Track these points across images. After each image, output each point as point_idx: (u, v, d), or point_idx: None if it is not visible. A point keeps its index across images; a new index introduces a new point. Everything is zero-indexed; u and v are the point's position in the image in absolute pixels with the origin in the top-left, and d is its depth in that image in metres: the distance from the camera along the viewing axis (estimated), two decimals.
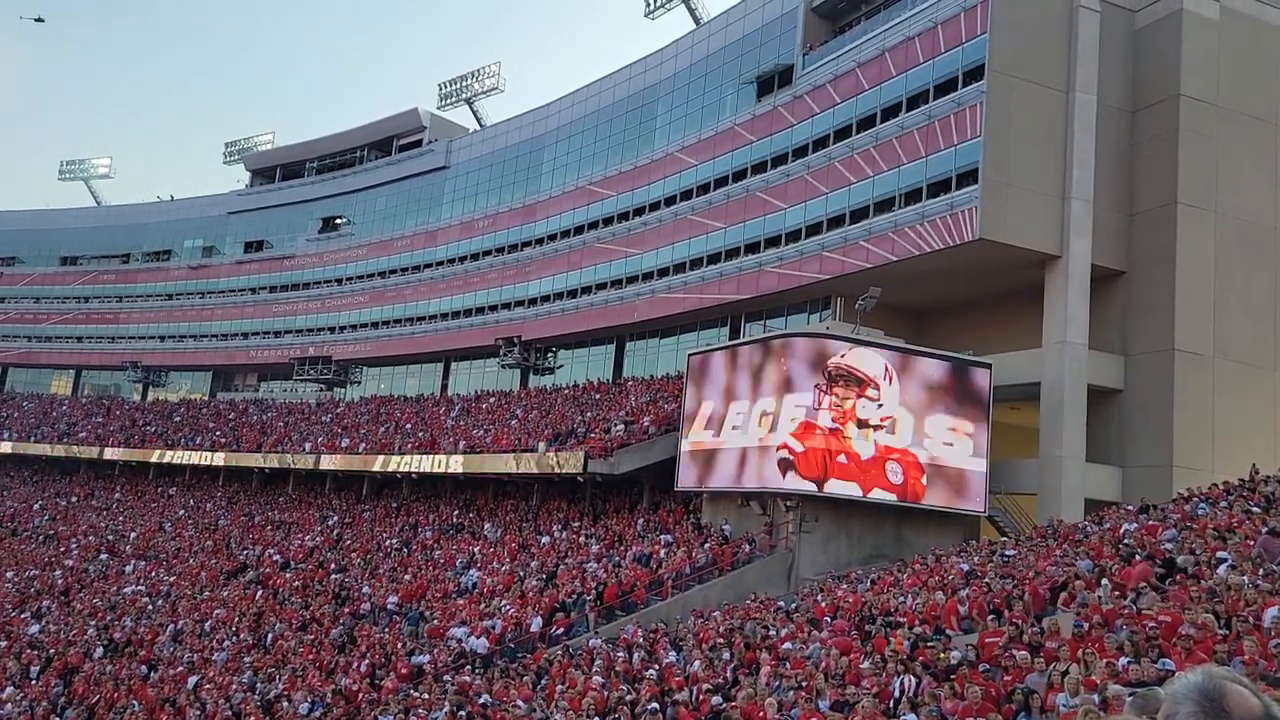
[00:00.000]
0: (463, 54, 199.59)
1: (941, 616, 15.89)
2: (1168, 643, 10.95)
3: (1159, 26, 29.71)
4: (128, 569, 38.50)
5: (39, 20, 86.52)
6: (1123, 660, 10.86)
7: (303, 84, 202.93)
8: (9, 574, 39.69)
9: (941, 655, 13.27)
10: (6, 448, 56.38)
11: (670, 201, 38.38)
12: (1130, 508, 21.15)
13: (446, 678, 20.63)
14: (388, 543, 35.02)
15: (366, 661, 23.17)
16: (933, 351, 27.13)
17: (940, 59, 28.78)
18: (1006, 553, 20.04)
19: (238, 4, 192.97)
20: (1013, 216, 27.21)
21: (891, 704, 12.23)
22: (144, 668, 26.75)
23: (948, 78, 28.45)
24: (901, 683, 12.49)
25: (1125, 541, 17.01)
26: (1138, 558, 15.35)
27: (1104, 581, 14.46)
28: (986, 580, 17.50)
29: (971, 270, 29.11)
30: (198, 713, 22.40)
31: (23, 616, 34.14)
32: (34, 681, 27.11)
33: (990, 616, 14.91)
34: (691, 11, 42.20)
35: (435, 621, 25.40)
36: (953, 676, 12.34)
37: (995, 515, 27.44)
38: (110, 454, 51.88)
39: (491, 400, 43.18)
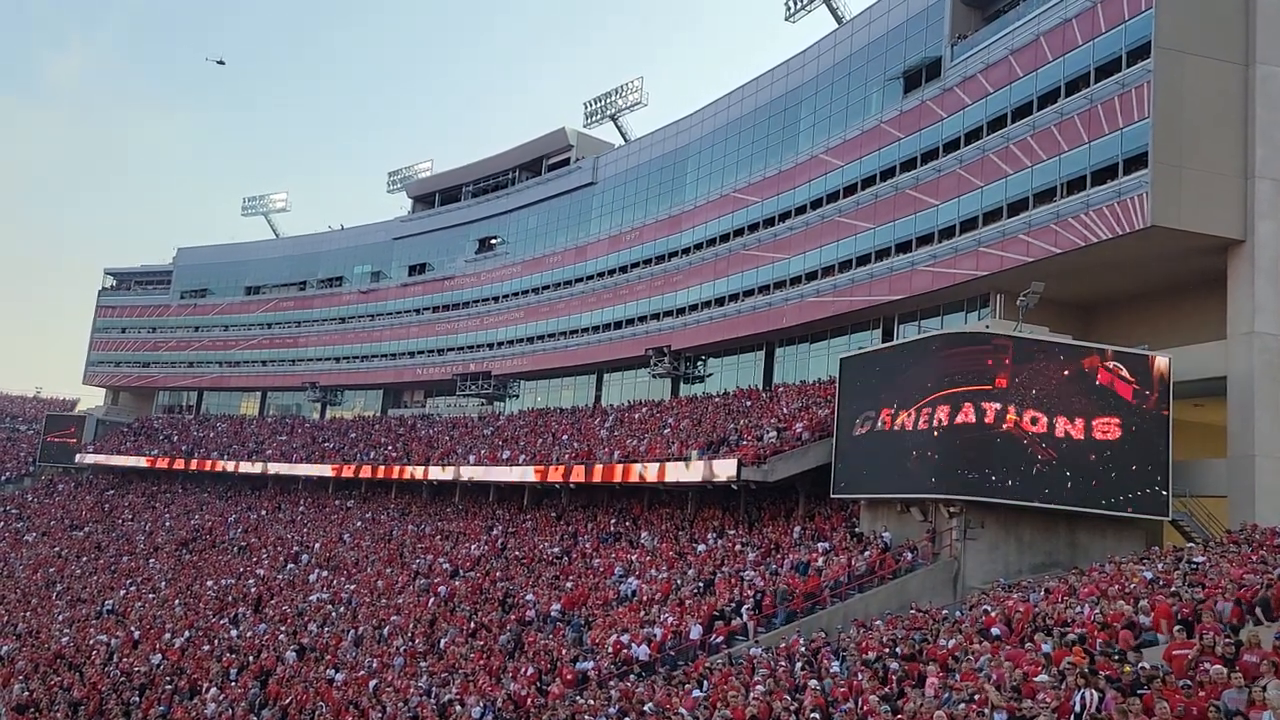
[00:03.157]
0: (606, 71, 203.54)
1: (1151, 624, 14.90)
2: None
3: None
4: (312, 578, 41.00)
5: (220, 63, 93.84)
6: None
7: (457, 113, 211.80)
8: (209, 583, 42.97)
9: (1127, 668, 12.54)
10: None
11: (816, 204, 37.91)
12: None
13: (611, 684, 21.02)
14: (549, 551, 35.94)
15: (533, 667, 23.85)
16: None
17: (1101, 39, 27.32)
18: (1194, 559, 18.73)
19: (393, 43, 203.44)
20: (1188, 201, 25.49)
21: (1071, 719, 11.66)
22: (330, 671, 28.39)
23: (1110, 58, 26.98)
24: (1083, 696, 11.89)
25: None
26: None
27: None
28: (1174, 589, 16.42)
29: (1144, 260, 27.45)
30: (379, 715, 23.61)
31: (222, 622, 36.85)
32: (233, 683, 29.20)
33: (1178, 628, 13.97)
34: (833, 11, 41.63)
35: (612, 633, 25.81)
36: (1141, 691, 11.64)
37: (1180, 519, 25.68)
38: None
39: (644, 410, 43.69)
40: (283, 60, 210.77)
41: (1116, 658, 13.22)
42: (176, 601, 41.11)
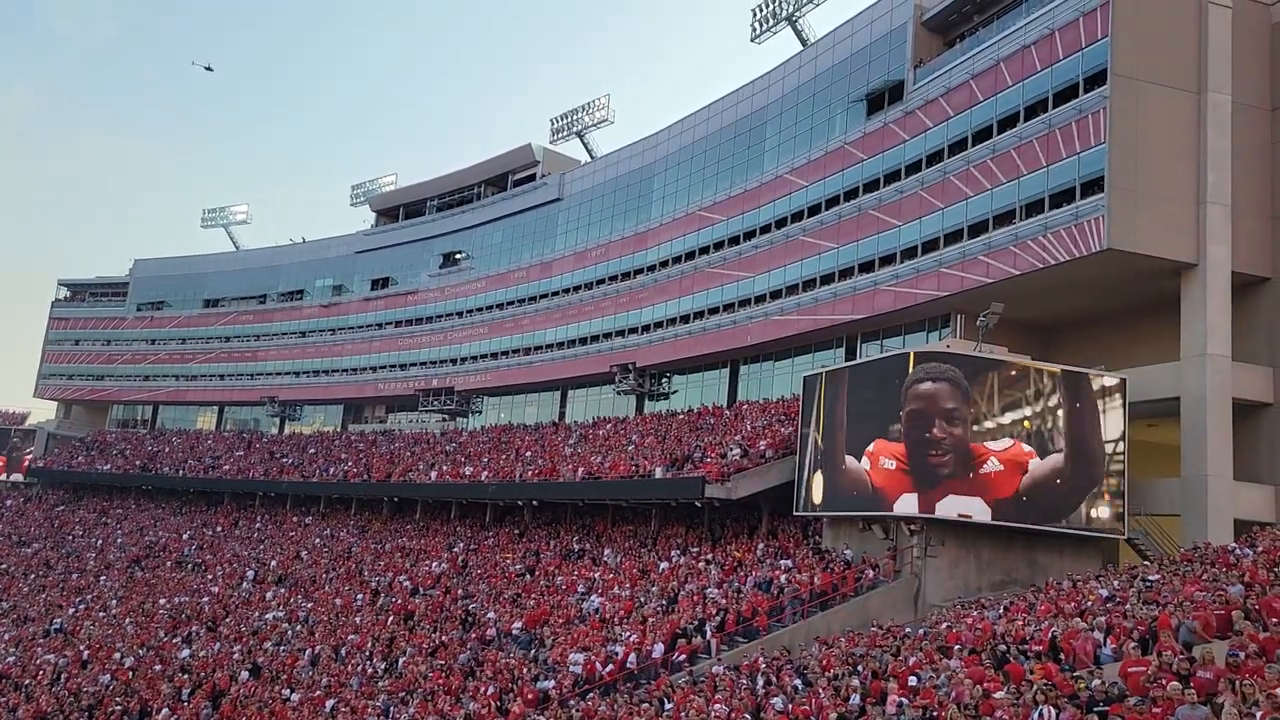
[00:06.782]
0: (573, 88, 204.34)
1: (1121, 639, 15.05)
2: None
3: None
4: (269, 595, 40.29)
5: (208, 69, 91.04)
6: None
7: (422, 127, 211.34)
8: (162, 601, 42.07)
9: (1084, 686, 12.67)
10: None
11: (781, 223, 38.20)
12: None
13: (571, 703, 20.84)
14: (511, 569, 35.65)
15: (493, 687, 23.58)
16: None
17: (1059, 65, 27.88)
18: (1149, 578, 19.01)
19: (358, 56, 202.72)
20: (1143, 224, 26.02)
21: None
22: (286, 691, 27.87)
23: (1068, 84, 27.52)
24: (1041, 714, 11.98)
25: None
26: None
27: None
28: (1128, 607, 16.64)
29: (1100, 282, 27.95)
30: None
31: (175, 641, 36.08)
32: (185, 704, 28.57)
33: (1134, 645, 14.15)
34: (798, 33, 42.05)
35: (572, 651, 25.60)
36: (1098, 709, 11.76)
37: (1136, 538, 26.08)
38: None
39: (608, 427, 43.60)
40: (245, 73, 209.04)
41: (1075, 676, 13.35)
42: (128, 620, 40.21)
